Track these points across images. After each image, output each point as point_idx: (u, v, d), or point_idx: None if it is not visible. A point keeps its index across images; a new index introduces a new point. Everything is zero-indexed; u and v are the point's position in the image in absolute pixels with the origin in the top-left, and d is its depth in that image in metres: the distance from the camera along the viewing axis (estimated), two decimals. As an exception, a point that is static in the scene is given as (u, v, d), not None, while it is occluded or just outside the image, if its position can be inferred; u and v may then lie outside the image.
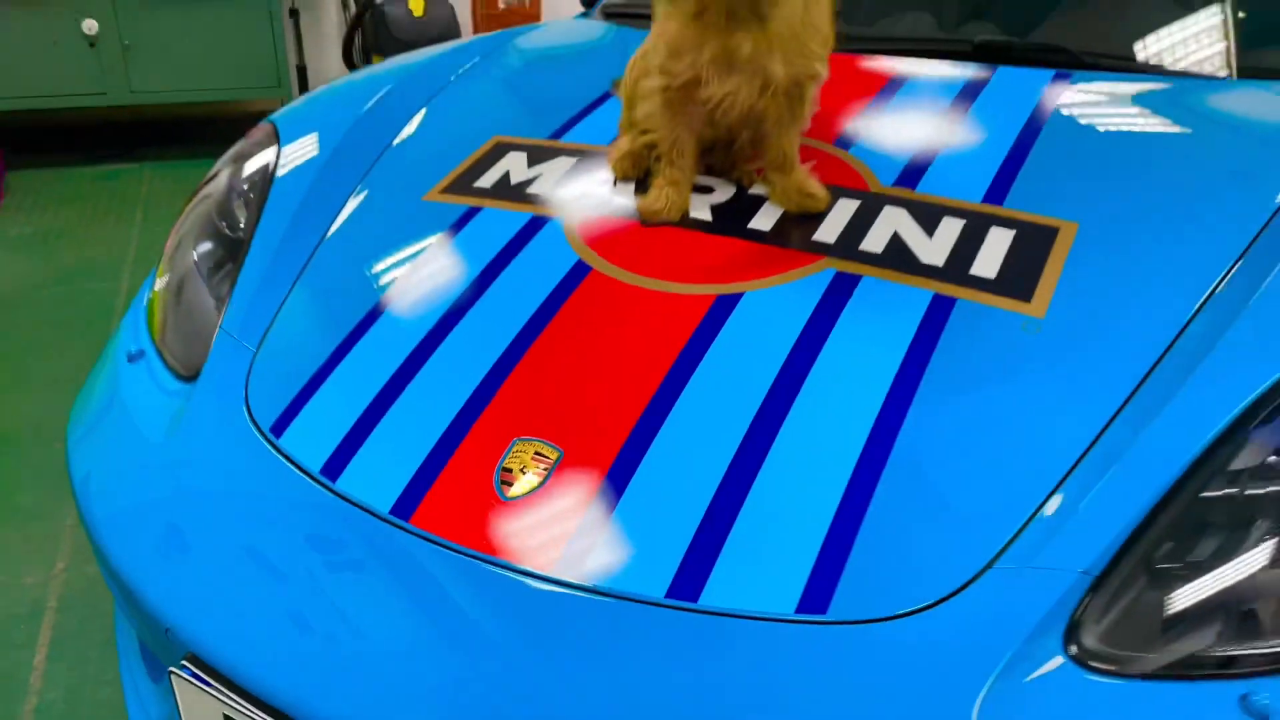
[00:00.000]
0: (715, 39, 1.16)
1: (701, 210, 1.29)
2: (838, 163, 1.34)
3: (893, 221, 1.22)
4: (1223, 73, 1.59)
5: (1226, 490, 0.91)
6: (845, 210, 1.25)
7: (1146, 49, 1.65)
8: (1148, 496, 0.90)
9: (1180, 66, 1.61)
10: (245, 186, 1.51)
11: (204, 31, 4.10)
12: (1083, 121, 1.42)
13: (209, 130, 4.75)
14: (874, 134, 1.41)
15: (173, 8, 4.02)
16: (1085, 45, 1.63)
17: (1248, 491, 0.91)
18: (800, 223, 1.24)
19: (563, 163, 1.44)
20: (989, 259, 1.14)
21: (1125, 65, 1.59)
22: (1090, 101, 1.47)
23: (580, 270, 1.21)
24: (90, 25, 3.92)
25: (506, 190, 1.39)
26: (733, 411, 1.01)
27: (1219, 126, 1.46)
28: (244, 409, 1.16)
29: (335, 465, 1.05)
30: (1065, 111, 1.43)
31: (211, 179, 1.59)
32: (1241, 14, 1.68)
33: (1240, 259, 1.12)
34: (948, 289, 1.11)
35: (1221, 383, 0.96)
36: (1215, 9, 1.69)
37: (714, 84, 1.19)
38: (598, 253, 1.24)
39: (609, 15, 2.12)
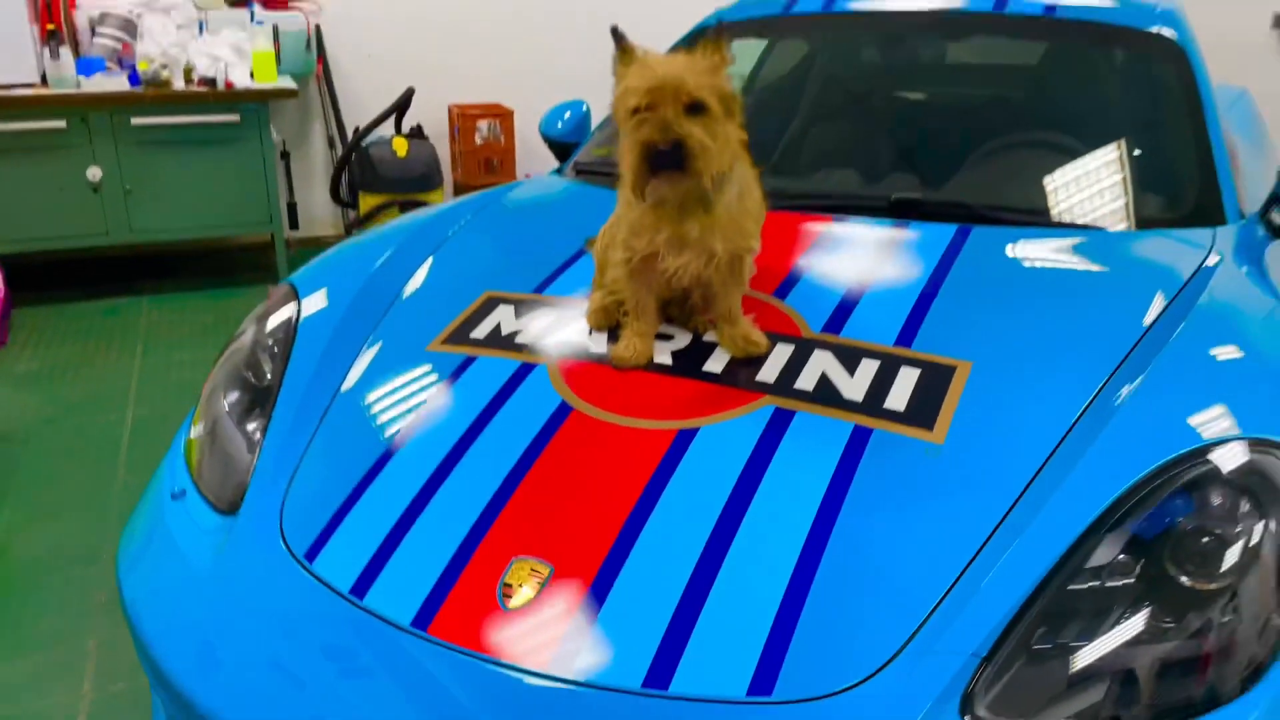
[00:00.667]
0: (669, 225, 1.43)
1: (664, 356, 1.53)
2: (776, 312, 1.60)
3: (821, 363, 1.46)
4: (1110, 224, 1.88)
5: (1088, 583, 1.14)
6: (782, 354, 1.50)
7: (1040, 204, 1.95)
8: (1024, 590, 1.12)
9: (1065, 219, 1.91)
10: (270, 341, 1.74)
11: (201, 174, 4.39)
12: (981, 271, 1.69)
13: (203, 263, 5.02)
14: (805, 286, 1.67)
15: (172, 154, 4.33)
16: (988, 201, 1.92)
17: (1105, 584, 1.14)
18: (745, 365, 1.49)
19: (546, 314, 1.68)
20: (899, 394, 1.39)
21: (1022, 219, 1.88)
22: (989, 252, 1.75)
23: (563, 410, 1.44)
24: (94, 173, 4.21)
25: (498, 340, 1.63)
26: (694, 528, 1.23)
27: (1099, 269, 1.74)
28: (280, 539, 1.37)
29: (362, 585, 1.26)
30: (966, 262, 1.70)
31: (239, 336, 1.82)
32: (1124, 173, 1.99)
33: (1104, 384, 1.37)
34: (866, 420, 1.35)
35: (1081, 496, 1.20)
36: (1096, 168, 2.00)
37: (669, 259, 1.45)
38: (578, 394, 1.47)
39: (580, 172, 2.41)
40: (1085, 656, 1.10)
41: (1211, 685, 1.09)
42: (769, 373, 1.46)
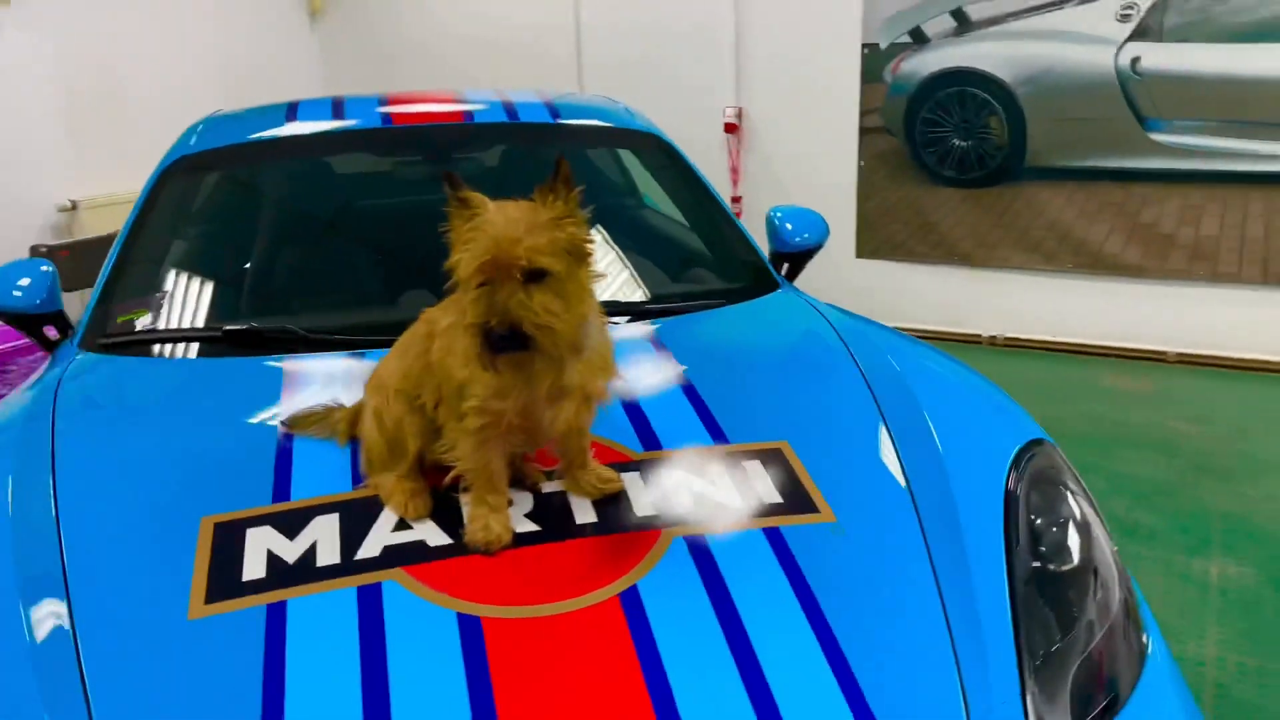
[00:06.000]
0: (547, 376, 1.26)
1: (522, 524, 1.34)
2: (600, 447, 1.49)
3: (674, 481, 1.42)
4: (728, 299, 2.14)
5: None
6: (634, 484, 1.42)
7: (660, 291, 2.13)
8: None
9: (699, 301, 2.12)
10: None
11: None
12: (677, 358, 1.80)
13: None
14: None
15: None
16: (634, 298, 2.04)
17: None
18: (611, 505, 1.38)
19: (325, 524, 1.33)
20: (765, 488, 1.42)
21: (661, 308, 2.04)
22: (684, 339, 1.87)
23: (471, 625, 1.17)
24: None
25: (295, 572, 1.24)
26: (730, 693, 1.11)
27: (767, 337, 1.99)
28: None
29: None
30: (680, 352, 1.80)
31: None
32: (708, 252, 2.27)
33: (892, 432, 1.57)
34: (766, 522, 1.35)
35: (977, 523, 1.39)
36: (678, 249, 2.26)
37: (548, 411, 1.29)
38: (466, 599, 1.21)
39: (114, 347, 1.89)
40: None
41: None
42: (643, 507, 1.38)
